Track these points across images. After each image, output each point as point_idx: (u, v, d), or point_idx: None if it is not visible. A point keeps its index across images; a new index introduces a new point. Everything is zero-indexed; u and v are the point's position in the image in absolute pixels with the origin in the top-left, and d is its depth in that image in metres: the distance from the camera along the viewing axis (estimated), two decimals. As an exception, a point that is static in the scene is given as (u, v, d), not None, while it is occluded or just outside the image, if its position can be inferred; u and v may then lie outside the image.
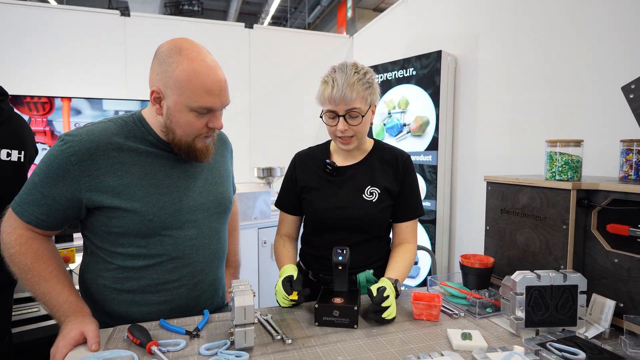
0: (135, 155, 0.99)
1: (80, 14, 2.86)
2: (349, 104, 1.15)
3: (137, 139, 1.01)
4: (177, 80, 0.92)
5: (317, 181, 1.28)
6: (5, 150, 1.27)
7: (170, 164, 1.04)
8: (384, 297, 1.00)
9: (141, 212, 0.97)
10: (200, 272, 1.07)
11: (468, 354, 0.86)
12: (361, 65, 1.20)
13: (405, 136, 2.54)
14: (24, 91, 2.05)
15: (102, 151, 0.95)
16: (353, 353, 0.87)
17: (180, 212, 1.03)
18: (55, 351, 0.87)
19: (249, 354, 0.85)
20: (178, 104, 0.94)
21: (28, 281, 0.94)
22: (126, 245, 0.99)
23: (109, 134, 0.97)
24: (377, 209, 1.22)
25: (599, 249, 1.01)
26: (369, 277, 1.23)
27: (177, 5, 11.59)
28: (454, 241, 2.39)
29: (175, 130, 0.98)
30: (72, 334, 0.88)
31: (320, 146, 1.37)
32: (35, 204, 0.94)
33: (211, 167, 1.14)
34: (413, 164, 1.30)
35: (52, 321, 1.70)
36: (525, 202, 1.17)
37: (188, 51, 0.94)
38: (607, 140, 1.39)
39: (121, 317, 1.03)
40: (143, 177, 0.99)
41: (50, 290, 0.94)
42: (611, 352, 0.83)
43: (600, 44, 1.55)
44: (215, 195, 1.12)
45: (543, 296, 0.95)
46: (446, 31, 2.45)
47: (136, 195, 0.97)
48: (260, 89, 3.47)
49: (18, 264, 0.94)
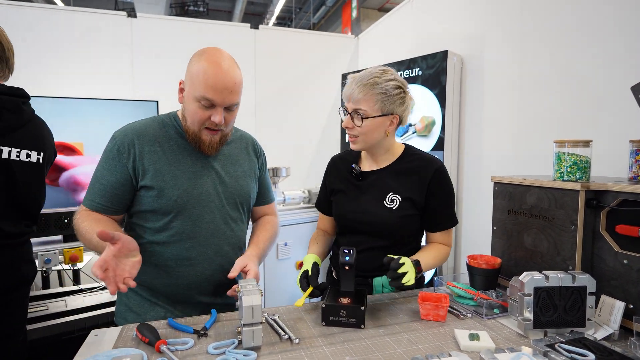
0: (167, 145, 1.15)
1: (87, 15, 2.88)
2: (356, 104, 1.18)
3: (169, 132, 1.17)
4: (191, 73, 1.09)
5: (345, 185, 1.32)
6: (25, 152, 1.32)
7: (196, 155, 1.18)
8: (400, 264, 1.02)
9: (168, 193, 1.12)
10: (215, 254, 1.18)
11: (476, 355, 0.86)
12: (391, 74, 1.19)
13: (411, 136, 2.54)
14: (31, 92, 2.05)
15: (142, 141, 1.13)
16: (360, 353, 0.87)
17: (200, 196, 1.15)
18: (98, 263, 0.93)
19: (256, 353, 0.86)
20: (189, 93, 1.10)
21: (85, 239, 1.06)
22: (154, 220, 1.14)
23: (147, 128, 1.16)
24: (396, 217, 1.22)
25: (608, 250, 1.00)
26: (385, 283, 1.24)
27: (183, 7, 11.65)
28: (460, 241, 2.38)
29: (187, 118, 1.13)
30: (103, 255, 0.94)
31: (355, 151, 1.37)
32: (99, 194, 1.11)
33: (234, 162, 1.26)
34: (446, 172, 1.26)
35: (61, 319, 1.72)
36: (533, 202, 1.16)
37: (209, 54, 1.09)
38: (616, 141, 1.38)
39: (144, 287, 1.16)
40: (172, 163, 1.14)
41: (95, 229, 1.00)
42: (621, 354, 0.82)
43: (609, 44, 1.54)
44: (234, 187, 1.23)
45: (551, 297, 0.95)
46: (452, 31, 2.44)
47: (165, 179, 1.12)
48: (266, 89, 3.47)
49: (81, 229, 1.07)
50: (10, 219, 1.30)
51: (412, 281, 1.02)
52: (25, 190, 1.33)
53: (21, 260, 1.34)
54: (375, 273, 1.25)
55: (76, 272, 2.03)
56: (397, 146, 1.31)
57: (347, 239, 1.31)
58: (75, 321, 1.75)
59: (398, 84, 1.19)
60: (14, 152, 1.28)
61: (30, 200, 1.37)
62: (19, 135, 1.30)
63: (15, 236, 1.31)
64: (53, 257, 1.86)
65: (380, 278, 1.25)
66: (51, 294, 1.91)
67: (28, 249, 1.40)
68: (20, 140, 1.30)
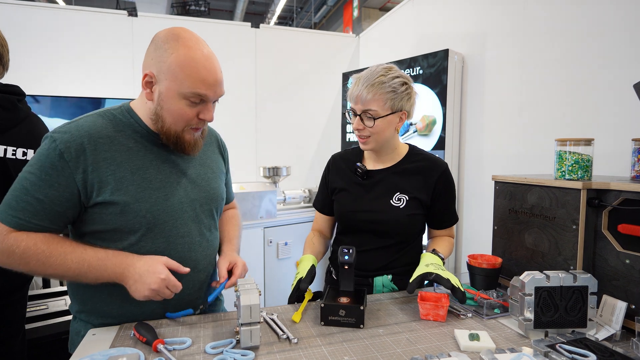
0: (125, 149, 0.96)
1: (88, 14, 2.89)
2: (365, 105, 1.16)
3: (126, 131, 0.98)
4: (171, 65, 0.91)
5: (348, 183, 1.31)
6: (22, 150, 1.30)
7: (162, 158, 1.01)
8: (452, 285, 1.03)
9: (134, 208, 0.94)
10: (193, 269, 1.03)
11: (476, 355, 0.85)
12: (395, 70, 1.19)
13: (412, 135, 2.53)
14: (32, 91, 2.07)
15: (93, 146, 0.92)
16: (359, 353, 0.87)
17: (172, 208, 1.00)
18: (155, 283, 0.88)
19: (254, 353, 0.85)
20: (170, 90, 0.92)
21: (55, 265, 0.88)
22: (117, 240, 0.96)
23: (98, 127, 0.94)
24: (403, 216, 1.22)
25: (610, 249, 0.99)
26: (385, 282, 1.24)
27: (184, 6, 11.66)
28: (461, 241, 2.37)
29: (165, 118, 0.95)
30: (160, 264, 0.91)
31: (355, 149, 1.39)
32: (30, 210, 0.88)
33: (202, 162, 1.11)
34: (451, 175, 1.29)
35: (60, 318, 1.72)
36: (534, 201, 1.15)
37: (185, 39, 0.93)
38: (618, 139, 1.37)
39: (113, 317, 1.00)
40: (135, 171, 0.96)
41: (84, 256, 0.90)
42: (622, 355, 0.81)
43: (611, 42, 1.53)
44: (207, 190, 1.09)
45: (552, 297, 0.94)
46: (453, 30, 2.43)
47: (129, 191, 0.94)
48: (267, 88, 3.47)
49: (35, 254, 0.87)
50: None
51: (458, 283, 1.06)
52: None
53: None
54: (376, 272, 1.25)
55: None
56: (402, 146, 1.32)
57: (349, 238, 1.30)
58: (75, 320, 1.75)
59: (404, 80, 1.19)
60: (9, 150, 1.26)
61: None
62: (15, 133, 1.28)
63: None
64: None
65: (381, 278, 1.24)
66: (51, 292, 1.91)
67: None
68: (16, 138, 1.28)
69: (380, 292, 1.24)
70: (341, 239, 1.34)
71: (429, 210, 1.28)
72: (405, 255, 1.27)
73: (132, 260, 0.92)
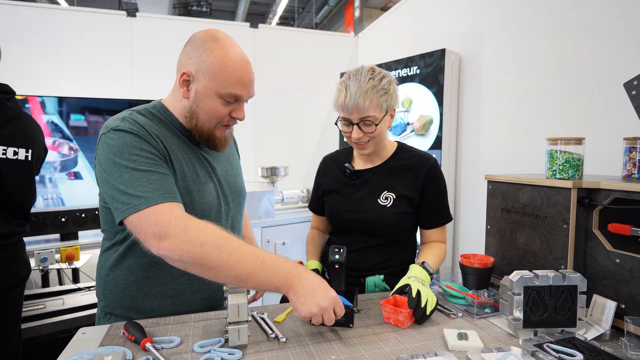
0: (174, 145, 0.99)
1: (87, 14, 2.90)
2: (362, 113, 1.13)
3: (168, 127, 1.02)
4: (210, 65, 0.95)
5: (337, 184, 1.31)
6: (12, 149, 1.29)
7: (195, 155, 1.05)
8: (416, 298, 0.99)
9: (191, 200, 0.98)
10: None
11: (463, 355, 0.85)
12: (378, 70, 1.17)
13: (408, 135, 2.53)
14: (31, 91, 2.08)
15: (155, 141, 0.94)
16: (346, 352, 0.87)
17: (207, 204, 1.03)
18: (327, 300, 0.84)
19: (242, 352, 0.85)
20: (208, 89, 0.96)
21: (231, 250, 0.83)
22: None
23: (150, 124, 0.97)
24: (390, 214, 1.21)
25: (600, 248, 0.99)
26: (377, 282, 1.23)
27: (186, 7, 11.68)
28: (457, 241, 2.36)
29: (200, 115, 0.99)
30: (334, 296, 0.87)
31: (345, 150, 1.39)
32: (158, 186, 0.86)
33: (227, 159, 1.17)
34: (439, 169, 1.27)
35: (57, 318, 1.73)
36: (525, 201, 1.15)
37: (224, 41, 0.98)
38: (610, 138, 1.37)
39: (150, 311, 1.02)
40: (189, 166, 1.00)
41: (257, 250, 0.86)
42: (610, 354, 0.81)
43: (603, 41, 1.52)
44: (235, 186, 1.15)
45: (541, 296, 0.94)
46: (450, 29, 2.42)
47: (188, 184, 0.98)
48: (265, 88, 3.47)
49: (225, 248, 0.82)
50: (1, 219, 1.30)
51: (433, 304, 1.01)
52: (14, 188, 1.31)
53: (14, 260, 1.34)
54: (368, 272, 1.25)
55: (75, 271, 2.04)
56: (390, 143, 1.31)
57: (340, 239, 1.30)
58: (72, 319, 1.75)
59: (389, 78, 1.18)
60: (0, 149, 1.26)
61: (20, 198, 1.36)
62: (5, 132, 1.28)
63: (7, 236, 1.31)
64: (49, 255, 1.88)
65: (373, 277, 1.24)
66: (49, 292, 1.92)
67: (21, 248, 1.40)
68: (6, 137, 1.28)
69: (372, 291, 1.24)
70: (333, 239, 1.34)
71: (418, 208, 1.25)
72: (398, 255, 1.27)
73: (304, 271, 0.88)
